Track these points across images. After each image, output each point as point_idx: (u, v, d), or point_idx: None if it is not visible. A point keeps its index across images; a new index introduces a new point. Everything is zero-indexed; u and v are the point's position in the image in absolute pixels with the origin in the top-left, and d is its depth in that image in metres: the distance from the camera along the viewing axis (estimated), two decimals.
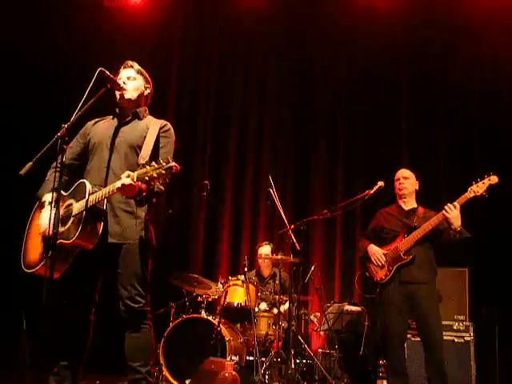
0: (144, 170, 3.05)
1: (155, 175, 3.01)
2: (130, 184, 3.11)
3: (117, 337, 3.47)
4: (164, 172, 3.00)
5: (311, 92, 7.91)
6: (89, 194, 3.31)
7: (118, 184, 3.15)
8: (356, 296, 7.00)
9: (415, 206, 5.01)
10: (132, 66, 3.68)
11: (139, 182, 3.11)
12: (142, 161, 3.26)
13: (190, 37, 8.05)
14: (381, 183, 5.06)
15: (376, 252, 4.92)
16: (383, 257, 4.86)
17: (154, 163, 3.04)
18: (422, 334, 4.78)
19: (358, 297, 6.93)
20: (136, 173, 3.08)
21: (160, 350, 5.46)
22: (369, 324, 6.08)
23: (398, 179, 5.05)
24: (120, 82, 3.59)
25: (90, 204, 3.29)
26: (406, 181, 5.02)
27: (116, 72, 3.63)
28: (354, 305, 6.34)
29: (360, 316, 6.21)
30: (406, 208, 5.00)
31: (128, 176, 3.12)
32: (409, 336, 5.23)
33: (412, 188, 5.04)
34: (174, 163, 3.00)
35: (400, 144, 7.42)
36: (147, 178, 3.03)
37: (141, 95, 3.69)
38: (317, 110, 7.93)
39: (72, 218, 3.34)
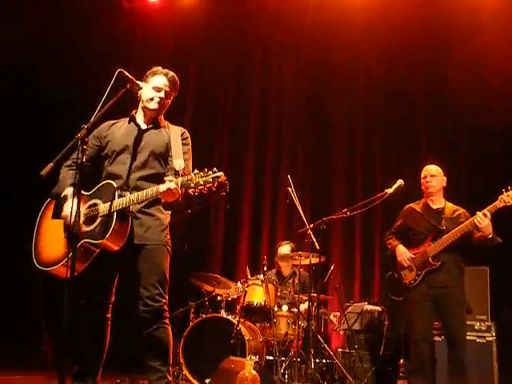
0: (189, 176, 3.11)
1: (201, 182, 3.07)
2: (176, 189, 3.16)
3: (137, 336, 3.49)
4: (211, 180, 3.05)
5: (330, 90, 7.89)
6: (118, 196, 3.35)
7: (164, 188, 3.19)
8: (376, 295, 6.98)
9: (443, 204, 4.95)
10: (166, 75, 3.67)
11: (183, 188, 3.15)
12: (177, 167, 3.29)
13: (209, 38, 8.06)
14: (400, 182, 5.02)
15: (404, 253, 4.89)
16: (410, 259, 4.83)
17: (197, 171, 3.10)
18: (446, 333, 4.79)
19: (378, 296, 6.91)
20: (180, 179, 3.14)
21: (180, 349, 5.48)
22: (389, 324, 6.04)
23: (425, 177, 4.97)
24: (158, 94, 3.61)
25: (122, 206, 3.33)
26: (433, 178, 4.95)
27: (134, 73, 3.64)
28: (374, 304, 6.30)
29: (380, 316, 6.17)
30: (434, 207, 4.94)
31: (171, 181, 3.16)
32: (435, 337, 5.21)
33: (439, 186, 4.96)
34: (221, 173, 3.08)
35: (419, 142, 7.38)
36: (193, 185, 3.08)
37: (166, 106, 3.73)
38: (336, 109, 7.90)
39: (100, 219, 3.36)
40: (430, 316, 4.75)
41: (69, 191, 3.44)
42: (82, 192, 3.40)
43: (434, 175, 4.95)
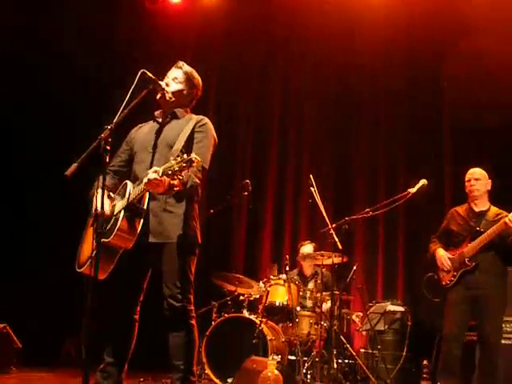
0: (168, 164, 3.07)
1: (177, 168, 3.02)
2: (155, 178, 3.12)
3: (161, 335, 3.50)
4: (185, 165, 3.01)
5: (352, 89, 7.85)
6: (129, 194, 3.37)
7: (145, 179, 3.18)
8: (399, 296, 6.93)
9: (487, 207, 4.91)
10: (181, 68, 3.70)
11: (165, 177, 3.11)
12: (171, 156, 3.24)
13: (230, 37, 8.07)
14: (423, 181, 4.98)
15: (442, 256, 4.89)
16: (448, 261, 4.82)
17: (177, 157, 3.06)
18: (478, 335, 4.77)
19: (401, 296, 6.87)
20: (162, 167, 3.10)
21: (202, 348, 5.49)
22: (412, 324, 6.00)
23: (469, 180, 4.95)
24: (164, 82, 3.63)
25: (126, 203, 3.35)
26: (477, 182, 4.91)
27: (158, 74, 3.66)
28: (397, 305, 6.26)
29: (403, 316, 6.13)
30: (477, 209, 4.91)
31: (155, 171, 3.13)
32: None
33: (483, 189, 4.92)
34: (194, 156, 3.01)
35: (443, 141, 7.32)
36: (170, 172, 3.04)
37: (182, 98, 3.70)
38: (358, 108, 7.87)
39: (113, 218, 3.39)
40: (464, 317, 4.74)
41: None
42: (111, 195, 3.46)
43: (478, 179, 4.92)
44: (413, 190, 4.96)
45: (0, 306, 6.19)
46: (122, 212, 3.33)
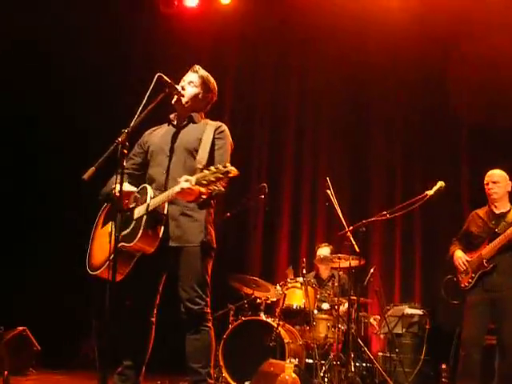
0: (202, 174, 3.07)
1: (213, 179, 3.03)
2: (189, 188, 3.14)
3: (178, 338, 3.51)
4: (222, 176, 3.01)
5: (368, 91, 7.83)
6: (150, 199, 3.37)
7: (177, 188, 3.18)
8: (417, 299, 6.89)
9: (507, 208, 4.88)
10: (197, 72, 3.71)
11: (198, 186, 3.13)
12: (199, 165, 3.29)
13: (246, 41, 8.08)
14: (441, 183, 4.94)
15: (460, 258, 4.88)
16: (466, 263, 4.80)
17: (212, 167, 3.06)
18: (497, 338, 4.74)
19: (419, 299, 6.82)
20: (194, 177, 3.11)
21: (219, 351, 5.49)
22: (430, 327, 5.96)
23: (487, 184, 4.93)
24: (179, 85, 3.64)
25: (150, 208, 3.34)
26: (496, 185, 4.88)
27: (174, 78, 3.67)
28: (415, 308, 6.22)
29: (421, 319, 6.09)
30: (497, 211, 4.89)
31: (186, 180, 3.14)
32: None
33: (503, 191, 4.88)
34: (231, 167, 3.02)
35: (460, 143, 7.27)
36: (205, 182, 3.05)
37: (197, 102, 3.71)
38: (374, 109, 7.84)
39: (133, 222, 3.40)
40: (483, 319, 4.70)
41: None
42: None
43: (496, 181, 4.89)
44: (430, 192, 4.92)
45: (19, 309, 6.26)
46: (145, 217, 3.34)
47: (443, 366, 5.42)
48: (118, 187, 3.08)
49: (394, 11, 7.49)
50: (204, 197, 3.29)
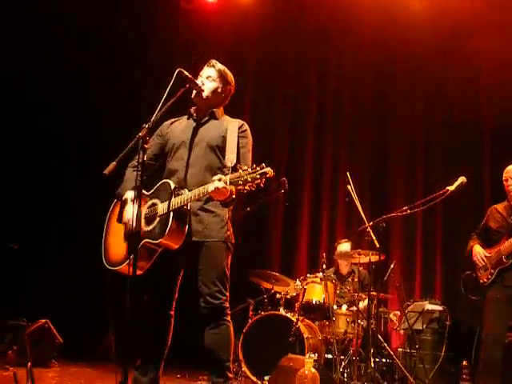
0: (237, 174, 3.08)
1: (249, 179, 3.03)
2: (224, 187, 3.14)
3: (197, 332, 3.53)
4: (258, 177, 3.01)
5: (390, 85, 7.77)
6: (174, 195, 3.38)
7: (212, 187, 3.17)
8: (437, 295, 6.84)
9: None
10: (214, 66, 3.72)
11: (232, 186, 3.13)
12: (229, 164, 3.31)
13: (266, 36, 8.05)
14: (462, 179, 4.89)
15: (478, 253, 4.84)
16: (484, 258, 4.76)
17: (246, 167, 3.07)
18: None
19: (440, 295, 6.78)
20: (229, 177, 3.11)
21: (239, 346, 5.51)
22: (451, 323, 5.91)
23: (506, 180, 4.90)
24: (199, 80, 3.65)
25: (178, 205, 3.34)
26: None
27: (194, 73, 3.68)
28: (436, 304, 6.18)
29: (442, 315, 6.04)
30: None
31: (220, 179, 3.14)
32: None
33: None
34: (268, 168, 3.02)
35: (482, 138, 7.19)
36: (241, 182, 3.05)
37: (217, 96, 3.72)
38: (395, 104, 7.78)
39: (158, 218, 3.41)
40: (504, 316, 4.65)
41: (129, 195, 3.51)
42: (144, 192, 3.45)
43: None
44: (451, 188, 4.88)
45: (41, 301, 6.33)
46: (171, 214, 3.35)
47: (464, 363, 5.37)
48: (134, 218, 3.07)
49: (416, 5, 7.42)
50: (233, 196, 3.28)
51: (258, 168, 3.03)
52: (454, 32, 7.23)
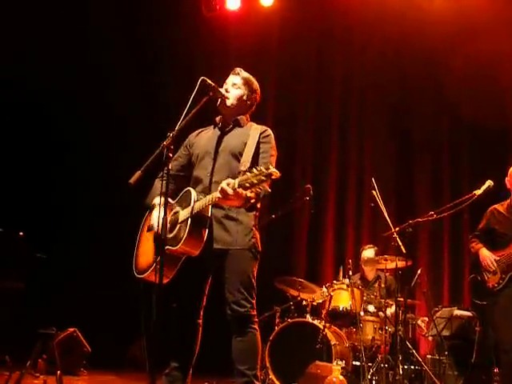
0: (245, 176, 3.06)
1: (256, 181, 3.01)
2: (232, 192, 3.13)
3: (225, 340, 3.53)
4: (264, 178, 3.00)
5: (414, 90, 7.71)
6: (194, 202, 3.39)
7: (217, 194, 3.19)
8: (466, 300, 6.75)
9: None
10: (239, 74, 3.73)
11: (241, 189, 3.13)
12: (242, 167, 3.29)
13: (289, 43, 8.05)
14: (489, 182, 4.84)
15: (487, 257, 4.72)
16: (494, 263, 4.66)
17: (254, 169, 3.05)
18: None
19: (469, 301, 6.68)
20: (237, 180, 3.10)
21: (266, 353, 5.50)
22: (481, 330, 5.83)
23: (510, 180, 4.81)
24: (223, 88, 3.66)
25: (194, 211, 3.36)
26: None
27: (217, 81, 3.69)
28: (464, 309, 6.10)
29: (471, 321, 5.96)
30: None
31: (228, 184, 3.14)
32: None
33: None
34: (273, 169, 3.00)
35: (508, 140, 7.10)
36: (248, 185, 3.03)
37: (242, 104, 3.72)
38: (420, 108, 7.72)
39: (178, 225, 3.43)
40: None
41: (157, 200, 3.52)
42: (169, 200, 3.45)
43: None
44: (479, 192, 4.83)
45: (70, 311, 6.40)
46: (189, 221, 3.36)
47: (495, 370, 5.28)
48: (160, 222, 3.11)
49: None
50: (252, 201, 3.28)
51: (263, 169, 3.01)
52: (481, 31, 7.15)
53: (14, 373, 4.76)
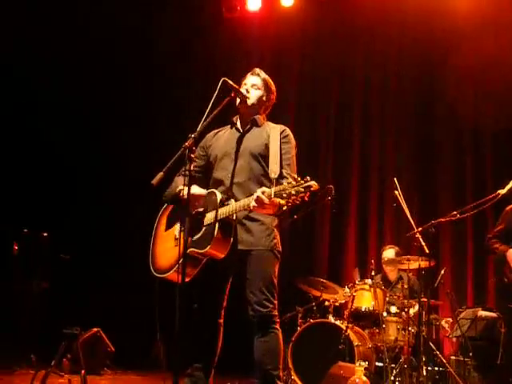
0: (282, 187, 3.06)
1: (293, 192, 3.00)
2: (268, 201, 3.12)
3: (247, 341, 3.54)
4: (303, 190, 2.99)
5: (436, 89, 7.64)
6: (220, 205, 3.40)
7: (254, 203, 3.17)
8: (490, 301, 6.67)
9: None
10: (259, 75, 3.75)
11: (278, 199, 3.11)
12: (273, 175, 3.30)
13: (310, 43, 8.04)
14: None
15: None
16: None
17: (291, 180, 3.05)
18: None
19: (493, 302, 6.61)
20: (273, 190, 3.10)
21: (288, 354, 5.49)
22: (506, 331, 5.75)
23: None
24: (243, 88, 3.68)
25: (222, 216, 3.37)
26: None
27: (237, 82, 3.71)
28: (489, 310, 6.02)
29: (496, 322, 5.89)
30: None
31: (263, 192, 3.14)
32: None
33: None
34: (312, 182, 2.99)
35: None
36: (285, 195, 3.02)
37: (261, 104, 3.75)
38: (442, 107, 7.65)
39: (204, 228, 3.44)
40: None
41: (182, 186, 3.44)
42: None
43: None
44: (503, 191, 4.77)
45: (94, 311, 6.46)
46: (217, 224, 3.37)
47: None
48: (185, 190, 3.11)
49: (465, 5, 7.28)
50: (284, 208, 3.25)
51: (302, 181, 3.00)
52: (503, 26, 7.07)
53: (40, 371, 4.82)
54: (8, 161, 7.30)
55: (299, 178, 3.03)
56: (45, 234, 6.28)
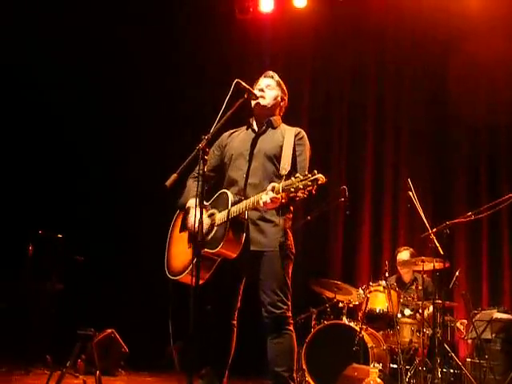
0: (289, 181, 3.08)
1: (301, 186, 3.03)
2: (274, 197, 3.15)
3: (261, 342, 3.53)
4: (310, 183, 3.02)
5: (450, 91, 7.59)
6: (231, 205, 3.41)
7: (265, 198, 3.19)
8: (506, 302, 6.62)
9: None
10: (272, 77, 3.78)
11: (284, 194, 3.14)
12: (283, 172, 3.33)
13: (323, 45, 8.01)
14: None
15: None
16: None
17: (298, 174, 3.07)
18: None
19: (509, 303, 6.56)
20: (281, 185, 3.12)
21: (302, 355, 5.48)
22: None
23: None
24: (258, 89, 3.69)
25: (233, 215, 3.38)
26: None
27: (251, 83, 3.71)
28: (505, 312, 5.97)
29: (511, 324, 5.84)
30: None
31: (273, 188, 3.16)
32: None
33: None
34: (319, 175, 3.02)
35: None
36: (293, 190, 3.05)
37: (276, 105, 3.76)
38: (456, 108, 7.60)
39: (216, 228, 3.45)
40: None
41: (191, 202, 3.55)
42: (204, 202, 3.49)
43: None
44: None
45: (108, 312, 6.48)
46: (228, 224, 3.38)
47: None
48: (196, 218, 3.12)
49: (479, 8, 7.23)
50: (283, 201, 3.27)
51: (309, 175, 3.03)
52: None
53: (55, 372, 4.85)
54: (24, 163, 7.36)
55: (308, 173, 3.05)
56: (59, 236, 6.30)
